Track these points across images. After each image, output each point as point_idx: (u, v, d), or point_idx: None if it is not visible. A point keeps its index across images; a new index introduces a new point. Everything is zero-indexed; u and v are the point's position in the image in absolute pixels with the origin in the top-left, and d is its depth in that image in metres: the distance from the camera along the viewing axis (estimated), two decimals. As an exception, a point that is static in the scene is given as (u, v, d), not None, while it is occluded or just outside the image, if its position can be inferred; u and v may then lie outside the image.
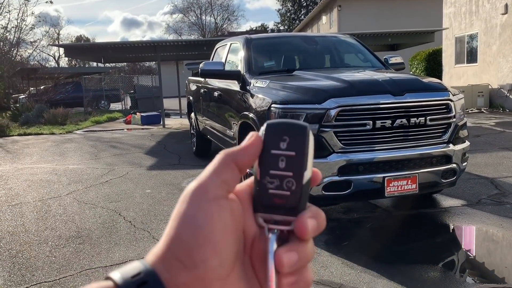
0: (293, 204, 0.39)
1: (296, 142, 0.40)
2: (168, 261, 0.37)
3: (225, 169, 0.40)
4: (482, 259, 3.45)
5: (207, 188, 0.39)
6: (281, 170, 0.40)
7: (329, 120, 3.65)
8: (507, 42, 13.85)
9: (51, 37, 46.16)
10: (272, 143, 0.40)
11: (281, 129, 0.40)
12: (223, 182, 0.39)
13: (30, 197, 5.40)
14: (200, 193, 0.39)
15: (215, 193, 0.39)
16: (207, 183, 0.39)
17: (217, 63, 5.35)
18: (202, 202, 0.38)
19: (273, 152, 0.40)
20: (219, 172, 0.40)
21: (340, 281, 2.97)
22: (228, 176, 0.40)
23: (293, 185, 0.39)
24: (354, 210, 4.50)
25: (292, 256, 0.39)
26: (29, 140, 11.16)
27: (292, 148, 0.40)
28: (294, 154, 0.40)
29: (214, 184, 0.39)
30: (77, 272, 3.24)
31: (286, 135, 0.40)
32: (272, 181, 0.40)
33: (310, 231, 0.40)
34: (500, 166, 6.02)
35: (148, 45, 13.27)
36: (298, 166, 0.40)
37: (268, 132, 0.41)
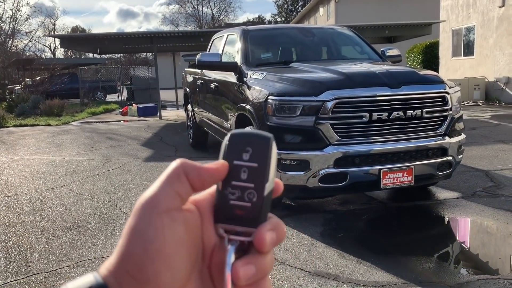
0: (253, 215, 0.39)
1: (258, 153, 0.39)
2: (120, 275, 0.36)
3: (177, 180, 0.39)
4: (476, 251, 3.48)
5: (158, 200, 0.38)
6: (243, 181, 0.39)
7: (326, 112, 3.66)
8: (503, 35, 13.86)
9: (46, 28, 45.85)
10: (235, 153, 0.40)
11: (245, 140, 0.40)
12: (176, 193, 0.38)
13: (26, 188, 5.39)
14: (151, 206, 0.37)
15: (167, 204, 0.37)
16: (158, 194, 0.38)
17: (214, 54, 5.33)
18: (152, 215, 0.37)
19: (235, 163, 0.40)
20: (171, 182, 0.39)
21: (336, 272, 2.99)
22: (180, 187, 0.39)
23: (254, 196, 0.39)
24: (350, 202, 4.52)
25: (249, 269, 0.38)
26: (25, 131, 11.11)
27: (254, 160, 0.39)
28: (256, 166, 0.39)
29: (166, 195, 0.38)
30: (73, 263, 3.25)
31: (249, 146, 0.39)
32: (233, 192, 0.39)
33: (268, 243, 0.39)
34: (495, 158, 6.05)
35: (144, 36, 13.18)
36: (259, 177, 0.39)
37: (232, 142, 0.40)
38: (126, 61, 45.49)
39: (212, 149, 7.52)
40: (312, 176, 3.68)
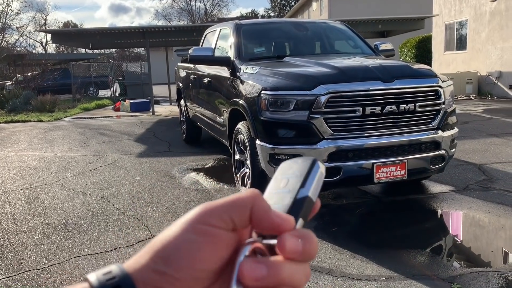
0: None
1: (300, 167, 0.42)
2: (147, 271, 0.37)
3: (240, 210, 0.39)
4: (469, 244, 3.50)
5: (211, 215, 0.38)
6: (281, 189, 0.41)
7: (319, 106, 3.65)
8: (496, 29, 13.92)
9: (37, 23, 45.35)
10: (281, 176, 0.43)
11: (292, 162, 0.44)
12: (231, 220, 0.38)
13: (18, 184, 5.35)
14: (204, 217, 0.38)
15: (218, 224, 0.38)
16: (216, 211, 0.38)
17: (207, 49, 5.30)
18: (200, 224, 0.38)
19: (280, 177, 0.43)
20: (234, 208, 0.39)
21: (330, 267, 3.00)
22: (238, 218, 0.38)
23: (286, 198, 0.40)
24: (344, 196, 4.53)
25: (258, 269, 0.36)
26: (17, 127, 11.02)
27: (296, 172, 0.42)
28: (298, 174, 0.42)
29: (221, 217, 0.38)
30: (66, 259, 3.23)
31: (295, 163, 0.43)
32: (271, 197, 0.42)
33: (290, 248, 0.37)
34: (487, 152, 6.08)
35: (137, 31, 13.09)
36: (295, 182, 0.41)
37: (282, 168, 0.44)
38: (119, 56, 45.19)
39: (205, 144, 7.49)
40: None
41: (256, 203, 0.39)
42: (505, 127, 8.08)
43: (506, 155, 5.86)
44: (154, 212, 4.18)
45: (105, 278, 0.36)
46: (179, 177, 5.44)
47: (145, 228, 3.77)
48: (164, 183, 5.17)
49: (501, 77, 13.82)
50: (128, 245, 3.44)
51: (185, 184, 5.10)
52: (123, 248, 3.38)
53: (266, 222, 0.38)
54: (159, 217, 4.04)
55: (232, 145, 4.69)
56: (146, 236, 3.60)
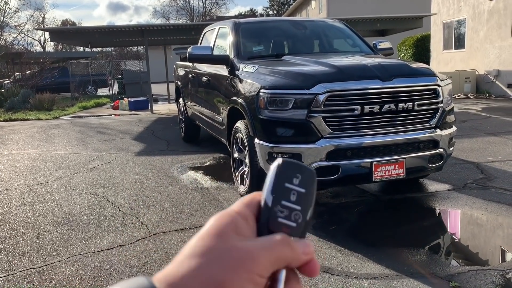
0: (296, 235, 0.43)
1: (307, 181, 0.44)
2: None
3: (280, 264, 0.41)
4: (467, 242, 3.51)
5: (257, 264, 0.39)
6: (292, 203, 0.43)
7: (318, 105, 3.65)
8: (494, 28, 13.93)
9: (36, 21, 45.29)
10: (286, 177, 0.44)
11: (295, 168, 0.44)
12: (272, 268, 0.41)
13: (17, 183, 5.34)
14: (249, 264, 0.39)
15: (261, 273, 0.40)
16: (261, 261, 0.40)
17: (205, 47, 5.29)
18: (246, 272, 0.39)
19: (286, 185, 0.43)
20: (276, 262, 0.41)
21: (328, 265, 3.00)
22: (277, 266, 0.41)
23: (300, 218, 0.43)
24: (342, 195, 4.54)
25: None
26: (15, 126, 11.00)
27: (303, 186, 0.44)
28: (304, 191, 0.43)
29: (266, 266, 0.40)
30: (65, 258, 3.23)
31: (299, 173, 0.44)
32: (282, 210, 0.43)
33: (315, 274, 0.43)
34: (485, 151, 6.10)
35: (135, 30, 13.06)
36: (306, 202, 0.43)
37: (283, 167, 0.44)
38: (117, 54, 45.12)
39: (204, 143, 7.49)
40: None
41: (294, 256, 0.42)
42: (503, 126, 8.09)
43: (504, 154, 5.87)
44: (153, 210, 4.18)
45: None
46: (178, 175, 5.44)
47: (144, 227, 3.78)
48: (163, 181, 5.17)
49: (499, 75, 13.84)
50: (127, 244, 3.44)
51: (184, 183, 5.10)
52: (122, 247, 3.38)
53: (298, 264, 0.43)
54: (158, 215, 4.04)
55: (231, 143, 4.69)
56: (145, 235, 3.61)
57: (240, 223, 0.42)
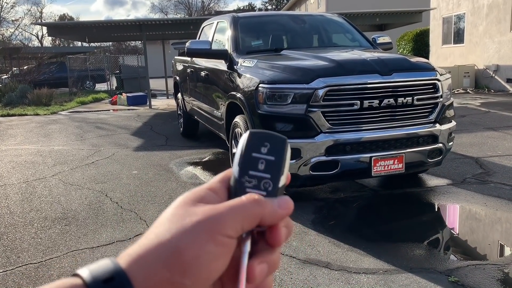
0: None
1: (276, 148, 0.43)
2: (149, 264, 0.36)
3: (251, 220, 0.39)
4: (466, 237, 3.51)
5: (225, 224, 0.38)
6: (260, 172, 0.42)
7: (317, 100, 3.64)
8: (493, 22, 13.90)
9: (33, 16, 45.09)
10: (253, 147, 0.43)
11: (263, 137, 0.43)
12: (242, 228, 0.39)
13: (15, 178, 5.32)
14: (215, 225, 0.37)
15: (229, 233, 0.38)
16: (228, 220, 0.38)
17: (204, 42, 5.27)
18: (213, 233, 0.37)
19: (253, 155, 0.42)
20: (244, 218, 0.39)
21: (327, 260, 3.00)
22: (247, 227, 0.39)
23: (269, 186, 0.42)
24: (341, 190, 4.53)
25: (264, 268, 0.39)
26: (13, 121, 10.97)
27: (272, 154, 0.42)
28: (273, 159, 0.42)
29: (233, 226, 0.38)
30: (63, 253, 3.22)
31: (267, 142, 0.43)
32: (250, 180, 0.42)
33: (284, 239, 0.40)
34: (484, 145, 6.09)
35: (133, 24, 13.00)
36: (276, 169, 0.42)
37: (251, 138, 0.43)
38: (115, 49, 44.94)
39: (202, 138, 7.48)
40: (303, 164, 3.67)
41: (265, 211, 0.39)
42: (502, 121, 8.09)
43: (503, 149, 5.87)
44: (151, 205, 4.17)
45: (101, 278, 0.35)
46: (176, 171, 5.43)
47: (143, 222, 3.77)
48: (162, 176, 5.16)
49: (498, 70, 13.82)
50: (125, 239, 3.43)
51: (182, 178, 5.09)
52: (120, 242, 3.38)
53: (276, 221, 0.40)
54: (156, 210, 4.04)
55: (230, 138, 4.68)
56: (143, 230, 3.60)
57: (208, 196, 0.41)
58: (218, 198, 0.41)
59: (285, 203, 0.41)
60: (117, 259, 0.37)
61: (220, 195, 0.42)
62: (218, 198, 0.41)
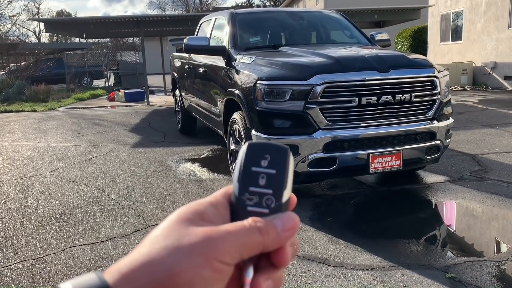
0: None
1: (277, 161, 0.40)
2: (139, 283, 0.34)
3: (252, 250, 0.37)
4: (463, 234, 3.52)
5: (222, 250, 0.35)
6: (261, 187, 0.39)
7: (315, 96, 3.64)
8: (491, 19, 13.90)
9: (30, 12, 44.90)
10: (252, 160, 0.40)
11: (263, 149, 0.40)
12: (240, 257, 0.36)
13: (12, 175, 5.31)
14: (212, 250, 0.35)
15: (226, 260, 0.35)
16: (226, 245, 0.36)
17: (202, 38, 5.25)
18: (208, 258, 0.35)
19: (253, 169, 0.40)
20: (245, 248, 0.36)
21: (325, 256, 3.01)
22: (247, 255, 0.37)
23: (272, 202, 0.39)
24: (339, 187, 4.54)
25: (269, 285, 0.37)
26: (10, 117, 10.93)
27: (273, 167, 0.39)
28: (274, 172, 0.39)
29: (230, 252, 0.36)
30: (61, 249, 3.22)
31: (267, 154, 0.40)
32: (251, 197, 0.39)
33: (290, 259, 0.38)
34: (482, 142, 6.11)
35: (131, 20, 12.96)
36: (278, 183, 0.39)
37: (250, 150, 0.40)
38: (113, 46, 44.78)
39: (200, 135, 7.47)
40: (301, 161, 3.67)
41: (267, 241, 0.37)
42: (499, 118, 8.11)
43: (501, 146, 5.88)
44: (149, 202, 4.17)
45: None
46: (174, 167, 5.42)
47: (141, 218, 3.77)
48: (160, 173, 5.16)
49: (496, 68, 13.84)
50: (123, 235, 3.43)
51: (180, 175, 5.09)
52: (118, 238, 3.38)
53: (281, 244, 0.38)
54: (154, 207, 4.03)
55: (228, 135, 4.67)
56: (141, 226, 3.60)
57: (209, 211, 0.38)
58: (219, 215, 0.39)
59: (290, 222, 0.38)
60: (104, 274, 0.35)
61: (222, 211, 0.39)
62: (219, 214, 0.39)
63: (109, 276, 0.34)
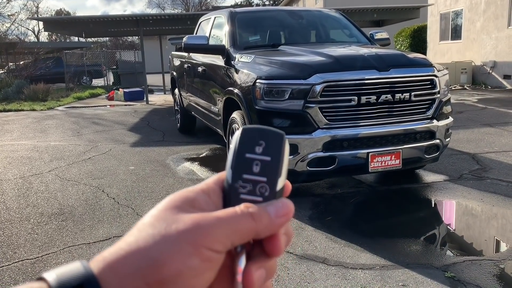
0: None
1: (272, 147, 0.38)
2: (124, 271, 0.33)
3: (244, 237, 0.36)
4: (462, 233, 3.52)
5: (212, 237, 0.34)
6: (255, 175, 0.38)
7: (314, 95, 3.63)
8: (491, 19, 13.90)
9: (29, 11, 44.78)
10: (247, 146, 0.39)
11: (258, 134, 0.39)
12: (231, 244, 0.35)
13: (11, 174, 5.30)
14: (201, 236, 0.34)
15: (216, 247, 0.34)
16: (216, 232, 0.35)
17: (201, 37, 5.25)
18: (196, 245, 0.34)
19: (247, 156, 0.38)
20: (236, 234, 0.35)
21: (324, 255, 3.00)
22: (238, 242, 0.36)
23: (266, 190, 0.38)
24: (338, 186, 4.53)
25: (261, 274, 0.36)
26: (9, 116, 10.92)
27: (268, 153, 0.38)
28: (269, 160, 0.38)
29: (221, 240, 0.35)
30: (60, 249, 3.21)
31: (262, 140, 0.38)
32: (244, 185, 0.38)
33: (284, 247, 0.38)
34: (481, 142, 6.10)
35: (130, 19, 12.95)
36: (272, 171, 0.38)
37: (244, 136, 0.39)
38: (112, 45, 44.76)
39: (200, 134, 7.47)
40: (300, 160, 3.67)
41: (259, 227, 0.36)
42: (499, 117, 8.11)
43: (500, 145, 5.88)
44: (148, 201, 4.17)
45: (69, 285, 0.32)
46: (173, 166, 5.42)
47: (140, 218, 3.75)
48: (159, 172, 5.15)
49: (495, 67, 13.84)
50: (122, 235, 3.41)
51: (179, 174, 5.08)
52: (117, 238, 3.37)
53: (274, 231, 0.37)
54: (153, 206, 4.01)
55: (227, 134, 4.67)
56: (140, 226, 3.59)
57: (200, 198, 0.37)
58: (210, 202, 0.38)
59: (283, 208, 0.37)
60: (90, 263, 0.34)
61: (214, 198, 0.38)
62: (211, 202, 0.38)
63: (95, 265, 0.33)
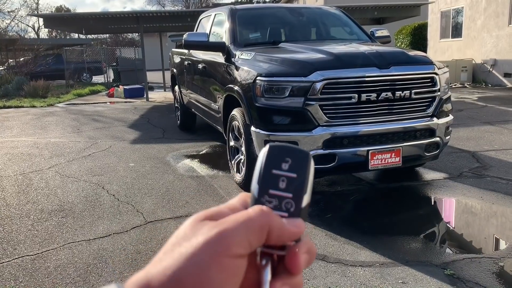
0: None
1: (298, 164, 0.39)
2: None
3: (258, 232, 0.36)
4: (462, 231, 3.53)
5: (231, 244, 0.35)
6: (281, 191, 0.39)
7: (315, 93, 3.63)
8: (491, 16, 13.88)
9: (29, 7, 44.75)
10: (274, 162, 0.40)
11: (284, 151, 0.40)
12: (249, 244, 0.36)
13: (11, 170, 5.31)
14: (222, 247, 0.35)
15: (238, 251, 0.35)
16: (233, 238, 0.36)
17: (201, 34, 5.24)
18: (221, 256, 0.35)
19: (274, 172, 0.39)
20: (250, 231, 0.36)
21: (324, 253, 3.01)
22: (256, 240, 0.36)
23: (292, 206, 0.39)
24: (338, 183, 4.54)
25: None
26: (9, 113, 10.91)
27: (294, 170, 0.39)
28: (295, 176, 0.39)
29: (240, 243, 0.36)
30: (60, 245, 3.22)
31: (288, 157, 0.40)
32: (270, 200, 0.39)
33: (302, 267, 0.38)
34: (481, 140, 6.11)
35: (130, 16, 12.92)
36: (298, 188, 0.39)
37: (271, 152, 0.40)
38: (112, 41, 44.70)
39: (200, 131, 7.46)
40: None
41: (273, 222, 0.37)
42: (499, 115, 8.11)
43: (500, 143, 5.88)
44: (148, 198, 4.17)
45: None
46: (173, 163, 5.42)
47: (140, 214, 3.77)
48: (159, 169, 5.15)
49: (495, 65, 13.82)
50: (122, 231, 3.43)
51: (179, 171, 5.08)
52: (117, 234, 3.37)
53: (286, 236, 0.38)
54: (153, 203, 4.03)
55: (227, 131, 4.67)
56: (140, 222, 3.60)
57: (224, 211, 0.39)
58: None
59: (297, 221, 0.38)
60: (125, 285, 0.36)
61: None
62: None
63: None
